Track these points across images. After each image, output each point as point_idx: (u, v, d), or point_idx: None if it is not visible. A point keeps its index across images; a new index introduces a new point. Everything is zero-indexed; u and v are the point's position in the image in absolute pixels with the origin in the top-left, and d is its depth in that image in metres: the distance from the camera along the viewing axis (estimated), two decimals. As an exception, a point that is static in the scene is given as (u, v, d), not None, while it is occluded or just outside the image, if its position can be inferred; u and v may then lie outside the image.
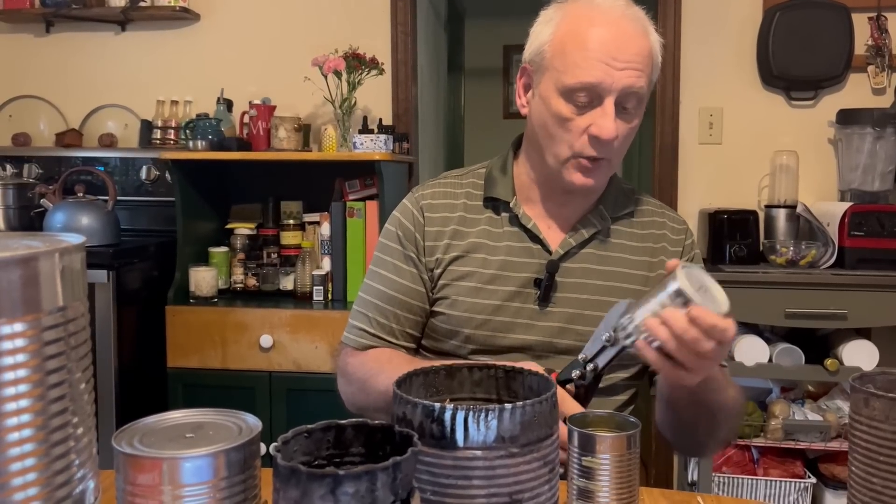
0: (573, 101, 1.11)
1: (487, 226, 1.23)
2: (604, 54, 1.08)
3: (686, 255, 1.27)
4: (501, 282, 1.19)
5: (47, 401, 0.47)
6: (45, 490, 0.47)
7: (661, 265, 1.24)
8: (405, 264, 1.23)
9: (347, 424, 0.67)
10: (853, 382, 0.80)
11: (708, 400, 1.09)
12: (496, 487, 0.70)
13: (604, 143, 1.11)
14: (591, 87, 1.09)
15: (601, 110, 1.10)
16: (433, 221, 1.24)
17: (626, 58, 1.09)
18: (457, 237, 1.22)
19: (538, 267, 1.19)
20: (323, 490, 0.56)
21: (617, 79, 1.08)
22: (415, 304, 1.23)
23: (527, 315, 1.19)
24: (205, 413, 0.67)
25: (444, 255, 1.22)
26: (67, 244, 0.48)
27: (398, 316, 1.23)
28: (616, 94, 1.09)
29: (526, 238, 1.21)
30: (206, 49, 3.02)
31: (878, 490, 0.76)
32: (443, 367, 0.85)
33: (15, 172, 2.91)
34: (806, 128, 2.75)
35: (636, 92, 1.11)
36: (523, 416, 0.71)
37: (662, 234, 1.26)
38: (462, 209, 1.24)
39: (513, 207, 1.22)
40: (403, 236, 1.24)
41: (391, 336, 1.23)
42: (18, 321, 0.45)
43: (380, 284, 1.24)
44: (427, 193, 1.27)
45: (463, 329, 1.19)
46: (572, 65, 1.09)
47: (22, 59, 3.11)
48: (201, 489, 0.58)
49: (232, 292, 2.70)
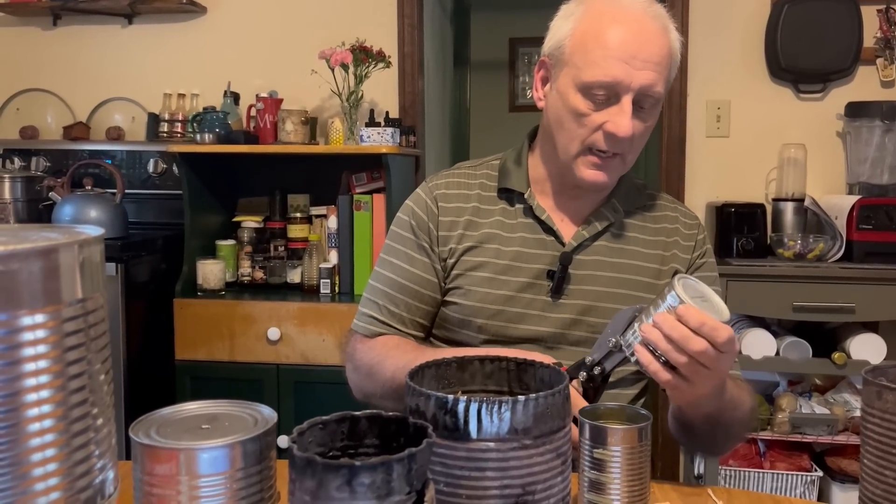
0: (591, 97, 1.11)
1: (501, 217, 1.23)
2: (624, 52, 1.08)
3: (698, 250, 1.27)
4: (514, 272, 1.19)
5: (68, 391, 0.47)
6: (65, 480, 0.47)
7: (673, 259, 1.24)
8: (417, 254, 1.23)
9: (362, 416, 0.67)
10: (865, 375, 0.80)
11: (724, 419, 1.08)
12: (509, 479, 0.70)
13: (618, 140, 1.11)
14: (610, 85, 1.09)
15: (618, 108, 1.10)
16: (447, 211, 1.24)
17: (645, 56, 1.09)
18: (471, 227, 1.22)
19: (551, 259, 1.19)
20: (339, 481, 0.56)
21: (636, 78, 1.08)
22: (426, 293, 1.23)
23: (539, 306, 1.19)
24: (220, 405, 0.67)
25: (458, 245, 1.22)
26: (87, 236, 0.49)
27: (408, 305, 1.23)
28: (634, 92, 1.09)
29: (539, 230, 1.21)
30: (213, 42, 3.02)
31: (891, 482, 0.76)
32: (454, 359, 0.86)
33: (23, 165, 2.92)
34: (814, 121, 2.74)
35: (654, 92, 1.11)
36: (536, 409, 0.71)
37: (675, 227, 1.26)
38: (476, 200, 1.24)
39: (527, 199, 1.22)
40: (417, 226, 1.25)
41: (400, 324, 1.23)
42: (39, 312, 0.46)
43: (391, 273, 1.25)
44: (441, 184, 1.27)
45: (475, 319, 1.19)
46: (592, 62, 1.09)
47: (29, 53, 3.12)
48: (218, 480, 0.59)
49: (239, 285, 2.71)
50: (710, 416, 1.04)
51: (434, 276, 1.23)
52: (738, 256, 2.50)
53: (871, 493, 0.79)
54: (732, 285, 2.34)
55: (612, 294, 1.19)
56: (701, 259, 1.27)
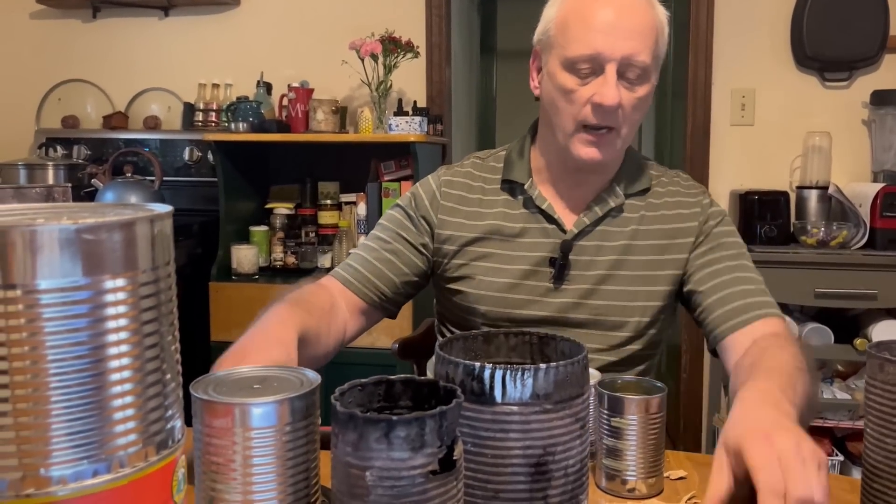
0: (576, 72, 1.14)
1: (504, 207, 1.27)
2: (604, 24, 1.12)
3: (703, 217, 1.25)
4: (517, 261, 1.24)
5: (143, 347, 0.54)
6: (141, 424, 0.54)
7: (676, 232, 1.25)
8: (398, 241, 1.28)
9: (396, 380, 0.74)
10: (870, 350, 0.85)
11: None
12: (531, 440, 0.76)
13: (607, 111, 1.14)
14: (592, 57, 1.12)
15: (603, 78, 1.13)
16: (449, 197, 1.28)
17: (626, 26, 1.12)
18: (475, 218, 1.27)
19: (553, 246, 1.23)
20: (378, 433, 0.62)
21: (618, 48, 1.11)
22: (388, 273, 1.27)
23: (541, 292, 1.23)
24: (269, 369, 0.74)
25: (461, 234, 1.27)
26: (160, 212, 0.55)
27: (375, 280, 1.27)
28: (616, 62, 1.12)
29: (542, 219, 1.25)
30: (246, 34, 3.10)
31: (891, 450, 0.81)
32: (481, 333, 0.91)
33: (65, 154, 3.02)
34: (839, 109, 2.75)
35: (637, 62, 1.13)
36: (557, 376, 0.76)
37: (676, 201, 1.27)
38: (480, 192, 1.29)
39: (527, 189, 1.26)
40: (416, 213, 1.29)
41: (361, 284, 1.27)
42: (120, 277, 0.52)
43: (375, 243, 1.29)
44: (448, 173, 1.32)
45: (479, 306, 1.25)
46: (574, 38, 1.13)
47: (70, 44, 3.22)
48: (269, 432, 0.65)
49: (272, 269, 2.79)
50: None
51: (408, 266, 1.27)
52: (762, 244, 2.53)
53: (872, 461, 0.84)
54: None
55: (613, 276, 1.22)
56: (712, 226, 1.25)
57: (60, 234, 0.49)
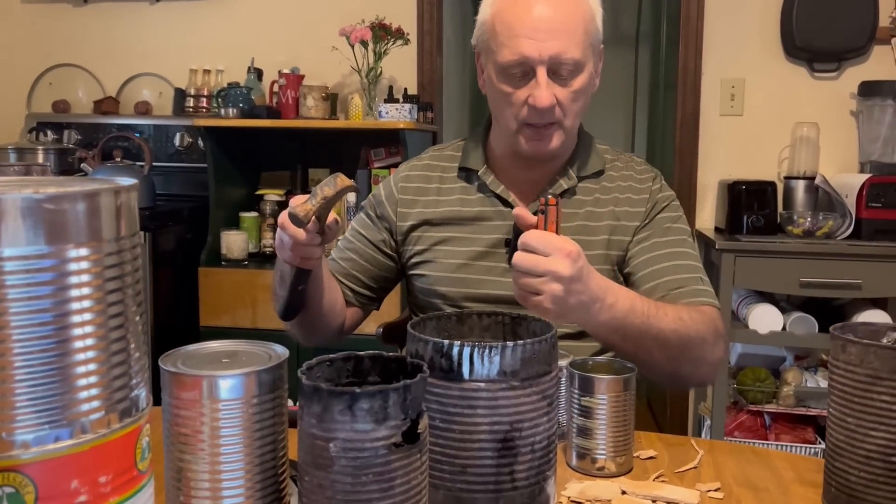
0: (509, 77, 1.17)
1: (461, 194, 1.32)
2: (527, 28, 1.14)
3: (651, 202, 1.28)
4: (475, 243, 1.29)
5: (107, 316, 0.55)
6: (105, 392, 0.55)
7: (624, 215, 1.27)
8: (359, 241, 1.36)
9: (365, 355, 0.75)
10: (833, 331, 0.86)
11: (650, 334, 1.06)
12: (498, 416, 0.78)
13: (541, 112, 1.17)
14: (520, 62, 1.15)
15: (535, 82, 1.15)
16: (407, 191, 1.34)
17: (549, 27, 1.13)
18: (433, 206, 1.32)
19: (508, 228, 1.27)
20: (341, 405, 0.64)
21: (543, 49, 1.13)
22: (352, 272, 1.36)
23: (498, 273, 1.27)
24: (238, 343, 0.75)
25: (418, 221, 1.32)
26: (124, 185, 0.56)
27: (342, 279, 1.36)
28: (545, 64, 1.14)
29: (497, 202, 1.29)
30: (237, 19, 3.10)
31: (852, 429, 0.83)
32: (454, 313, 0.93)
33: (55, 138, 3.02)
34: (828, 100, 2.76)
35: (566, 60, 1.14)
36: (524, 353, 0.78)
37: (627, 185, 1.30)
38: (438, 181, 1.34)
39: (481, 175, 1.30)
40: (374, 212, 1.36)
41: (343, 276, 1.37)
42: (84, 246, 0.53)
43: (341, 243, 1.40)
44: (407, 167, 1.38)
45: (439, 287, 1.30)
46: (501, 45, 1.16)
47: (61, 29, 3.21)
48: (236, 404, 0.66)
49: (261, 255, 2.80)
50: (612, 329, 1.03)
51: (368, 260, 1.36)
52: (748, 233, 2.54)
53: (834, 440, 0.85)
54: (741, 261, 2.39)
55: None
56: (657, 211, 1.28)
57: (23, 203, 0.50)
